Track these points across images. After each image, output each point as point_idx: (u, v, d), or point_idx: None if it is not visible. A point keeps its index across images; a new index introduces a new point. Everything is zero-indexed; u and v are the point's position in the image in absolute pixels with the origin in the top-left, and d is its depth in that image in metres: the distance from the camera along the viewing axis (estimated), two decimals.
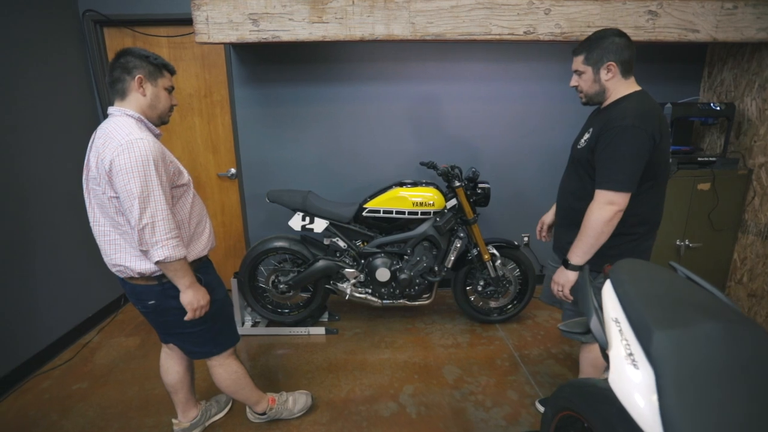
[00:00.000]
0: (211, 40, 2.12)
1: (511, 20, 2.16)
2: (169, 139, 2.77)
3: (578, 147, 1.46)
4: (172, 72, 1.38)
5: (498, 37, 2.17)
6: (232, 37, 2.11)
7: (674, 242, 2.51)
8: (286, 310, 2.53)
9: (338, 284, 2.41)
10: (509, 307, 2.57)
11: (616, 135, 1.28)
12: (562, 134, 2.77)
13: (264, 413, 1.69)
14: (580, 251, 1.36)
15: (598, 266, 1.38)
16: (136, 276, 1.29)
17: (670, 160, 2.34)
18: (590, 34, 1.41)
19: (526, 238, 2.98)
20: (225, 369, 1.53)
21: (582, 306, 0.96)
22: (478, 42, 2.30)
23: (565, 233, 1.51)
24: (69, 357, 2.25)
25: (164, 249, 1.20)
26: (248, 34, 2.11)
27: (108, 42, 2.64)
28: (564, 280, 1.41)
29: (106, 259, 1.31)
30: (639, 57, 2.60)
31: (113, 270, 1.32)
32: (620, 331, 0.82)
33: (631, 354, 0.77)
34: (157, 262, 1.21)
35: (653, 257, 2.45)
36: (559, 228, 1.58)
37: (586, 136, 1.43)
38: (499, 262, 2.43)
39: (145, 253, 1.22)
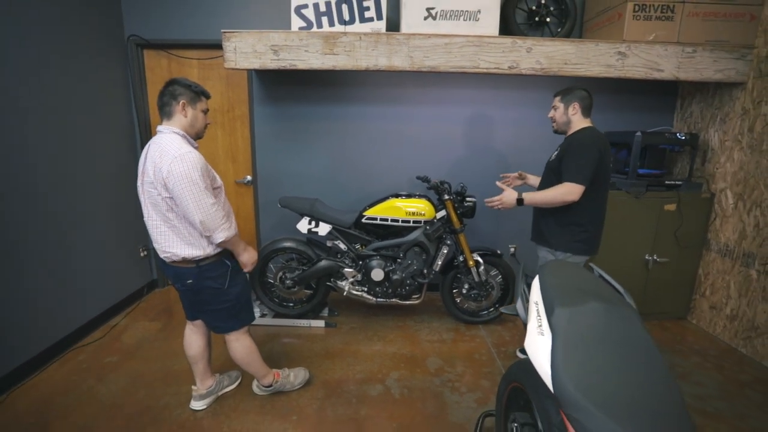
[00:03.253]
0: (237, 66, 2.47)
1: (497, 56, 2.47)
2: None
3: (550, 160, 2.08)
4: (208, 97, 1.72)
5: (485, 70, 2.49)
6: (256, 64, 2.46)
7: (644, 256, 2.77)
8: (291, 304, 2.83)
9: (338, 282, 2.71)
10: (491, 309, 2.84)
11: (579, 149, 1.87)
12: (544, 154, 3.05)
13: (270, 386, 1.99)
14: (533, 200, 1.94)
15: (565, 246, 1.99)
16: (180, 260, 1.62)
17: (636, 182, 2.65)
18: (567, 80, 2.04)
19: (513, 249, 3.26)
20: (241, 343, 1.84)
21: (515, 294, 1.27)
22: (469, 74, 2.62)
23: (543, 230, 2.07)
24: (100, 336, 2.58)
25: (222, 232, 1.59)
26: (269, 62, 2.46)
27: (147, 62, 3.02)
28: (509, 203, 1.97)
29: (156, 247, 1.64)
30: (620, 89, 2.97)
31: (162, 256, 1.64)
32: (537, 310, 1.11)
33: (540, 326, 1.06)
34: (220, 243, 1.61)
35: (624, 266, 2.72)
36: (538, 220, 2.12)
37: (556, 152, 2.00)
38: (482, 268, 2.71)
39: (209, 238, 1.58)
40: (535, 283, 1.20)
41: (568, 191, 1.84)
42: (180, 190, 1.49)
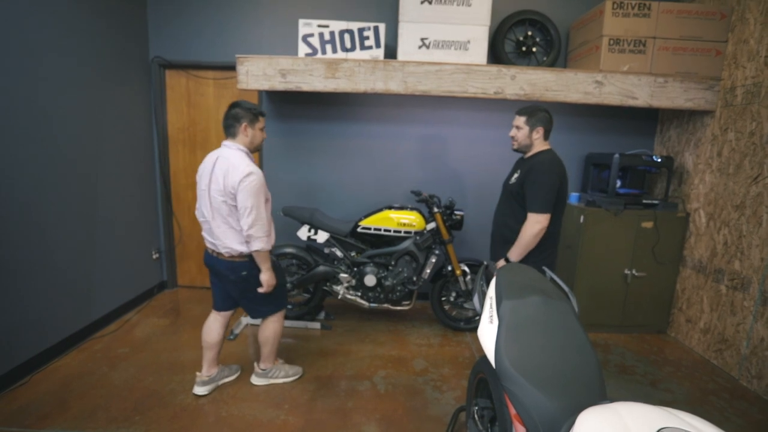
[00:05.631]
0: (249, 88, 2.74)
1: (484, 82, 2.71)
2: None
3: (510, 183, 2.07)
4: (264, 116, 2.01)
5: (473, 95, 2.73)
6: (265, 86, 2.72)
7: (623, 271, 2.93)
8: (290, 306, 3.03)
9: (334, 286, 2.91)
10: (477, 317, 3.00)
11: (540, 175, 1.91)
12: None
13: (267, 369, 2.23)
14: (516, 254, 1.98)
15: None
16: (237, 255, 1.92)
17: (617, 202, 2.82)
18: (531, 104, 2.14)
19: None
20: (275, 325, 2.16)
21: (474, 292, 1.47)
22: (458, 98, 2.85)
23: (501, 248, 2.08)
24: (114, 329, 2.80)
25: (260, 242, 1.88)
26: (278, 84, 2.72)
27: (168, 80, 3.32)
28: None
29: (216, 243, 1.93)
30: (606, 113, 3.19)
31: (222, 250, 1.93)
32: (490, 304, 1.31)
33: (491, 316, 1.26)
34: (254, 250, 1.88)
35: (604, 279, 2.87)
36: (495, 244, 2.16)
37: (516, 175, 2.04)
38: (469, 277, 2.89)
39: (248, 243, 1.87)
40: (493, 281, 1.40)
41: (537, 222, 1.88)
42: (244, 200, 1.81)
